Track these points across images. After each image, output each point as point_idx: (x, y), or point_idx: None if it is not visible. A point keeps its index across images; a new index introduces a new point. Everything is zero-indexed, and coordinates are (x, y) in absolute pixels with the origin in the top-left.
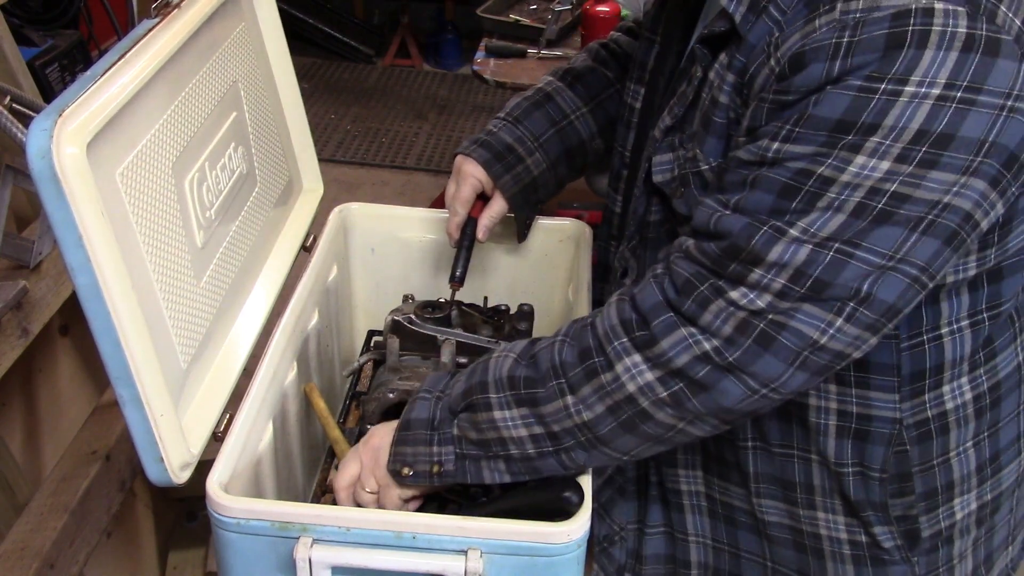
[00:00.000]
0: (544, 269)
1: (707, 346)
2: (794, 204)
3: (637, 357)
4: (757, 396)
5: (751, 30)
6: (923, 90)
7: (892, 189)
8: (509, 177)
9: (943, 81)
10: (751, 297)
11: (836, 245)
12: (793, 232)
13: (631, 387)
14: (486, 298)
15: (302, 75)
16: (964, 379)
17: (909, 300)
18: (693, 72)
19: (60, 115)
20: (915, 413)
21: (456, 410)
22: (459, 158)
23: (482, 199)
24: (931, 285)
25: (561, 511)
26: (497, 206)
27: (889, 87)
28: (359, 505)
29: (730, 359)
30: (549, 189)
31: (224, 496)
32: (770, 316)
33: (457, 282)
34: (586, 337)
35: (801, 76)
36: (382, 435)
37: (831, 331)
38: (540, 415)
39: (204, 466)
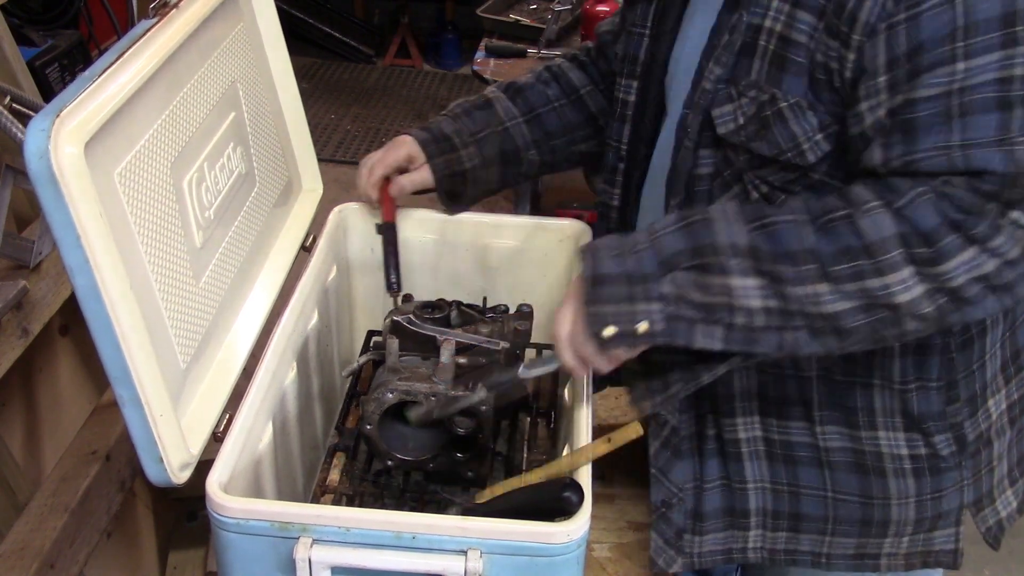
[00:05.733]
0: (544, 269)
1: (988, 268)
2: (1018, 111)
3: (911, 270)
4: (1000, 310)
5: None
6: None
7: None
8: (441, 160)
9: None
10: None
11: None
12: None
13: (900, 298)
14: (485, 298)
15: (302, 75)
16: None
17: None
18: (737, 20)
19: (58, 115)
20: None
21: (676, 265)
22: (397, 136)
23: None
24: None
25: (561, 511)
26: (415, 176)
27: None
28: (581, 360)
29: (1005, 280)
30: (481, 186)
31: (224, 496)
32: None
33: (395, 291)
34: (845, 234)
35: None
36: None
37: None
38: (782, 293)
39: (204, 466)
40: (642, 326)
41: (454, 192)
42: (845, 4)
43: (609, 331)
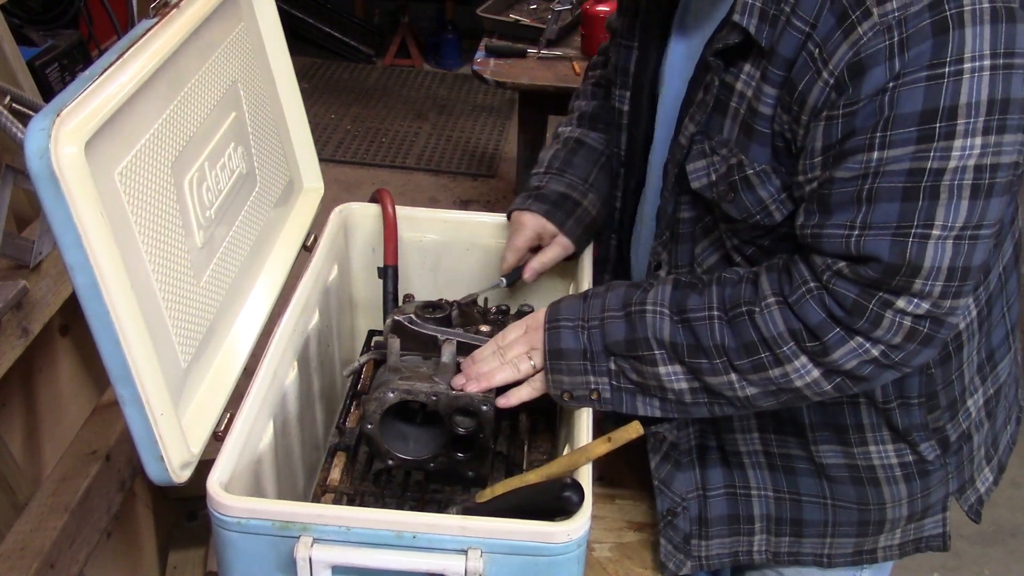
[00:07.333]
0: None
1: (875, 352)
2: (920, 204)
3: (805, 359)
4: (903, 376)
5: (779, 42)
6: (977, 64)
7: (988, 163)
8: (572, 221)
9: (988, 52)
10: (916, 302)
11: (968, 232)
12: (935, 232)
13: (799, 383)
14: (486, 298)
15: (302, 75)
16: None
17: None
18: (710, 81)
19: (58, 115)
20: None
21: (616, 353)
22: (516, 214)
23: (534, 251)
24: None
25: (561, 511)
26: (551, 253)
27: (951, 69)
28: (502, 359)
29: (896, 359)
30: (605, 221)
31: (224, 496)
32: (932, 317)
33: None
34: (747, 331)
35: (866, 82)
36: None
37: (963, 311)
38: (702, 380)
39: (204, 466)
40: (593, 394)
41: (590, 239)
42: (796, 86)
43: (567, 396)
